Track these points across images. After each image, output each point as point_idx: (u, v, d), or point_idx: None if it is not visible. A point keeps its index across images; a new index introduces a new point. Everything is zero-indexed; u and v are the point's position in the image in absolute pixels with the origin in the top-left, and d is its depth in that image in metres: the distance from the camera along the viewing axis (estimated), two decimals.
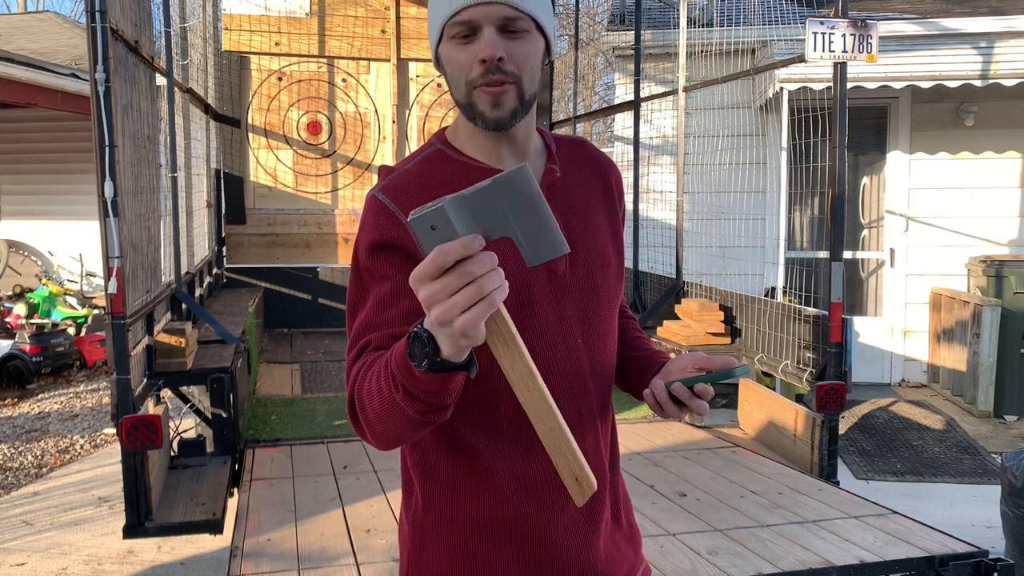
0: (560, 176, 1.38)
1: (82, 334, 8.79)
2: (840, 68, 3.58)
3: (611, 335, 1.42)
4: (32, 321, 8.54)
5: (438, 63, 1.35)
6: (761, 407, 4.19)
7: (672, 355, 1.82)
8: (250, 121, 6.92)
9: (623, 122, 7.42)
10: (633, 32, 6.18)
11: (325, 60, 6.95)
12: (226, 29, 6.67)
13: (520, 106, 1.29)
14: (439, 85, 7.01)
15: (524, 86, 1.28)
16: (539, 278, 1.30)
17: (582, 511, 1.35)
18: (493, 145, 1.33)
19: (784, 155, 6.19)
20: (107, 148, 2.96)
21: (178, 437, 3.94)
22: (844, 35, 3.51)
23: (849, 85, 3.86)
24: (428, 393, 1.06)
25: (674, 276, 5.49)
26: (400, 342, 1.07)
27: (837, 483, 3.53)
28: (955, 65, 6.72)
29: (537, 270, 1.30)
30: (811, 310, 3.90)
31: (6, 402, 7.65)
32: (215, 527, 3.20)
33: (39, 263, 10.59)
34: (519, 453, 1.31)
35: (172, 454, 3.79)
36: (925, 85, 6.61)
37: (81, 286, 10.01)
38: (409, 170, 1.35)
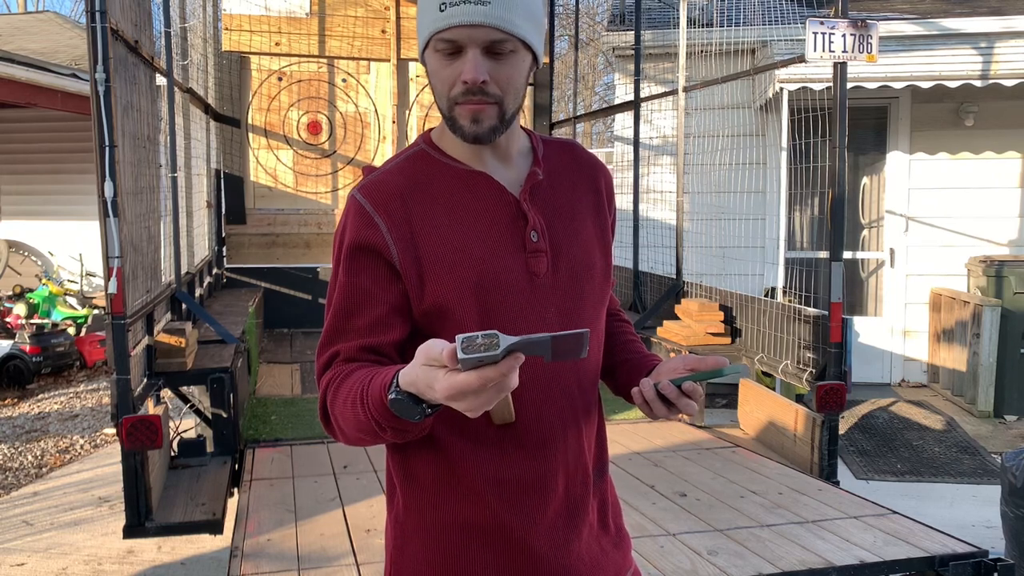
0: (544, 179, 1.38)
1: (82, 334, 8.79)
2: (840, 68, 3.58)
3: (595, 337, 1.41)
4: (32, 321, 8.54)
5: (424, 63, 1.36)
6: (761, 407, 4.19)
7: (672, 355, 1.82)
8: (250, 121, 6.92)
9: (623, 122, 7.42)
10: (633, 32, 6.18)
11: (325, 60, 6.94)
12: (226, 29, 6.67)
13: (500, 123, 1.29)
14: None
15: (506, 106, 1.29)
16: (519, 281, 1.31)
17: (563, 515, 1.35)
18: (477, 149, 1.34)
19: (784, 155, 6.18)
20: (107, 148, 2.96)
21: (178, 437, 3.94)
22: (844, 35, 3.51)
23: (849, 85, 3.86)
24: (400, 432, 1.16)
25: (674, 276, 5.49)
26: (376, 388, 1.13)
27: (837, 483, 3.53)
28: (955, 65, 6.72)
29: (517, 272, 1.31)
30: (811, 310, 3.90)
31: (6, 402, 7.65)
32: (215, 527, 3.19)
33: (39, 263, 10.58)
34: (498, 457, 1.31)
35: (172, 454, 3.79)
36: (925, 85, 6.61)
37: (81, 286, 10.01)
38: (390, 169, 1.36)
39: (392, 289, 1.29)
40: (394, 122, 7.03)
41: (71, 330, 8.72)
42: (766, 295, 5.99)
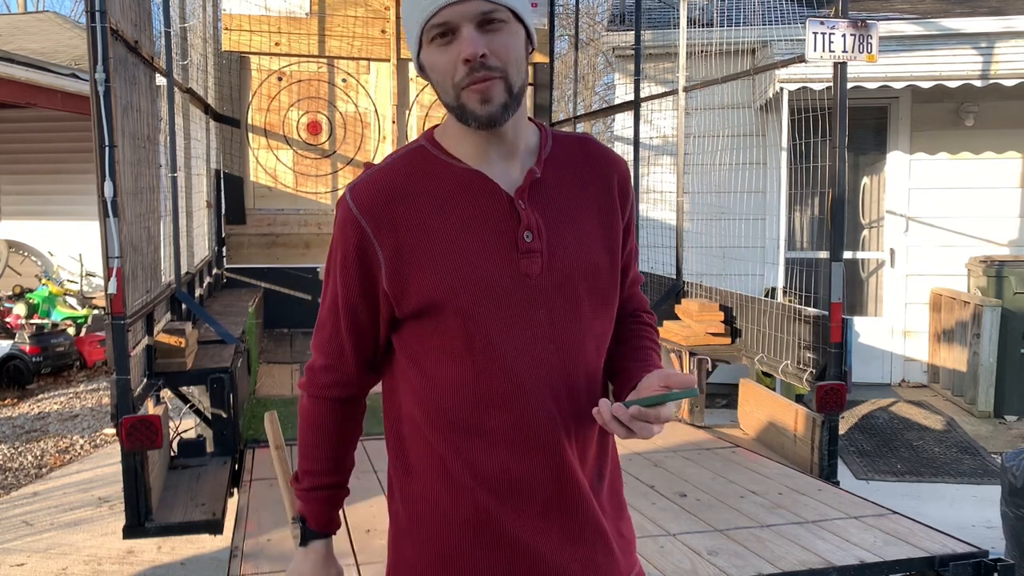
0: (544, 177, 1.35)
1: (82, 334, 8.79)
2: (840, 68, 3.58)
3: (592, 340, 1.37)
4: (32, 321, 8.54)
5: (422, 71, 1.34)
6: (761, 407, 4.19)
7: (672, 356, 1.81)
8: (250, 121, 6.92)
9: (623, 122, 7.41)
10: (633, 32, 6.18)
11: (325, 60, 6.94)
12: (226, 29, 6.67)
13: (510, 98, 1.28)
14: None
15: (511, 78, 1.27)
16: (506, 282, 1.29)
17: (558, 517, 1.33)
18: (482, 145, 1.33)
19: (784, 155, 6.18)
20: (107, 148, 2.96)
21: (178, 437, 3.94)
22: (844, 35, 3.51)
23: (849, 85, 3.86)
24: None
25: (674, 276, 5.49)
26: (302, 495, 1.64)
27: (837, 483, 3.53)
28: (955, 65, 6.72)
29: (505, 273, 1.30)
30: (811, 310, 3.90)
31: (6, 402, 7.65)
32: (215, 527, 3.19)
33: (39, 263, 10.58)
34: (483, 451, 1.31)
35: (172, 454, 3.79)
36: (925, 85, 6.61)
37: (81, 286, 10.00)
38: (383, 168, 1.36)
39: (375, 301, 1.36)
40: (394, 122, 7.03)
41: (71, 330, 8.72)
42: (766, 295, 5.99)
